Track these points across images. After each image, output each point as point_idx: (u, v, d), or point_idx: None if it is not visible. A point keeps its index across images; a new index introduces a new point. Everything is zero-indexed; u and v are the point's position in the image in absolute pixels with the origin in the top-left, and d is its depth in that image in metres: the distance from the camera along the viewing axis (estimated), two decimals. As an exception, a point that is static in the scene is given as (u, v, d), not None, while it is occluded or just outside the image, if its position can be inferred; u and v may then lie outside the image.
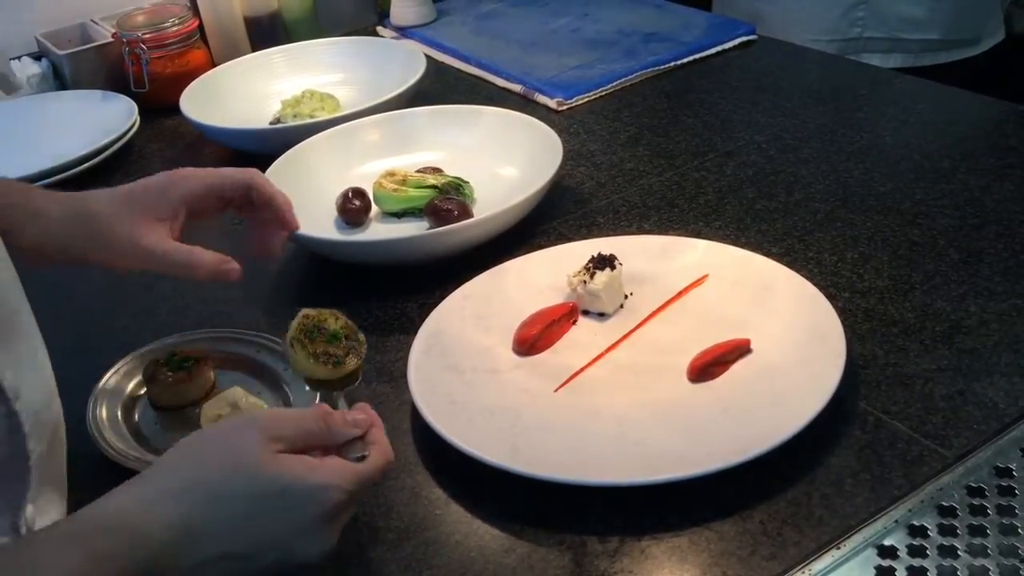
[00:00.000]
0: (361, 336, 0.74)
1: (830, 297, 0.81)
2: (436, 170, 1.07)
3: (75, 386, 0.79)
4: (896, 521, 0.64)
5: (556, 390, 0.78)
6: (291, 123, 1.23)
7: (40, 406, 0.61)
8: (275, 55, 1.42)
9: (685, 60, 1.34)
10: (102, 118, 1.32)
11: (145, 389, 0.83)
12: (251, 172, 0.81)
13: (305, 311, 0.74)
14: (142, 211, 0.76)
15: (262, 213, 0.82)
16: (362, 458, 0.62)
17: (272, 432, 0.59)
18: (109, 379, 0.83)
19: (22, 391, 0.59)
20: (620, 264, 0.86)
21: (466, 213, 0.99)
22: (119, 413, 0.80)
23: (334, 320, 0.74)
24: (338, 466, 0.60)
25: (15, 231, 0.72)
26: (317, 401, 0.76)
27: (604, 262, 0.85)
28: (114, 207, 0.76)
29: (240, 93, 1.35)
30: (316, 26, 1.55)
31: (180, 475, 0.58)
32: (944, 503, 0.65)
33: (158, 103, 1.37)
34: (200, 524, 0.56)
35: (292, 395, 0.80)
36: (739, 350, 0.78)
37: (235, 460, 0.58)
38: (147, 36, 1.37)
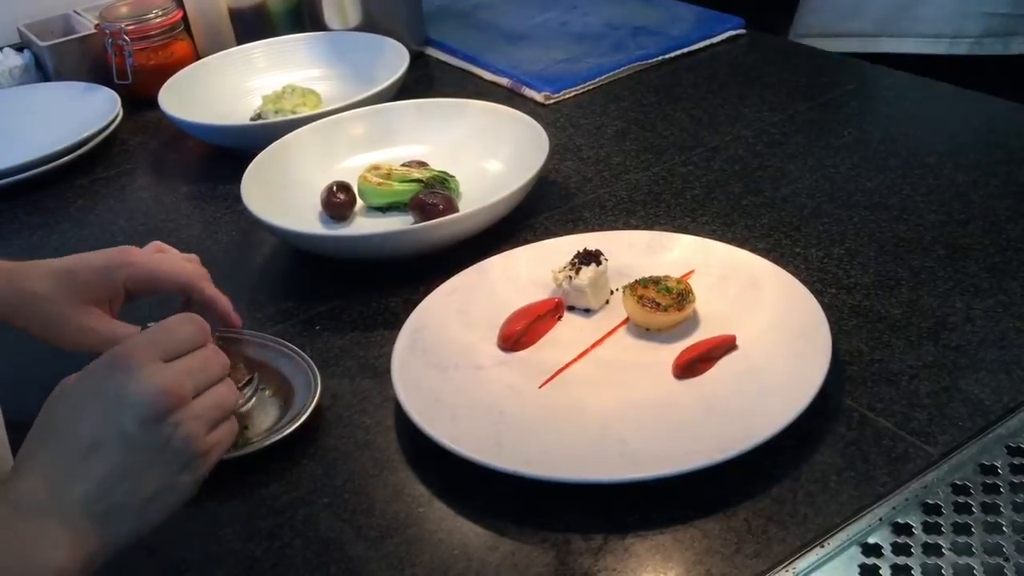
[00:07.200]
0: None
1: (816, 293, 0.80)
2: (421, 164, 1.06)
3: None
4: (880, 519, 0.64)
5: (541, 387, 0.77)
6: (272, 119, 1.21)
7: None
8: (256, 49, 1.40)
9: (673, 54, 1.34)
10: (85, 110, 1.31)
11: None
12: (192, 276, 0.79)
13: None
14: (82, 292, 0.75)
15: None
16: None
17: None
18: None
19: None
20: (606, 260, 0.85)
21: (451, 207, 0.98)
22: None
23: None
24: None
25: None
26: None
27: (590, 258, 0.85)
28: (54, 288, 0.75)
29: (221, 88, 1.34)
30: (301, 19, 1.53)
31: None
32: (929, 501, 0.64)
33: (141, 95, 1.36)
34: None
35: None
36: (724, 346, 0.78)
37: None
38: (130, 27, 1.36)
